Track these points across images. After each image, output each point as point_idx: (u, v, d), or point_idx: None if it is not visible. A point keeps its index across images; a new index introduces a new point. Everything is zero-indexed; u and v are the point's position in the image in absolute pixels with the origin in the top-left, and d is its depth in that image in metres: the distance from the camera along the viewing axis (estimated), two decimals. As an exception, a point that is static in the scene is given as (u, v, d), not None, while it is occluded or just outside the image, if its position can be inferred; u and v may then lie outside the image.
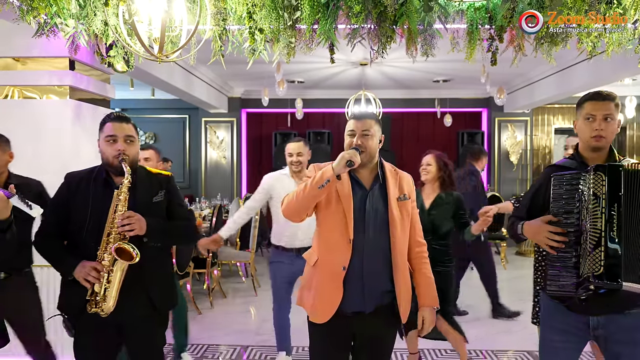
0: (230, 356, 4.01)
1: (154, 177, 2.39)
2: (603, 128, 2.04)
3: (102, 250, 2.17)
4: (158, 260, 2.32)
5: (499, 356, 4.01)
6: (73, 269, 2.16)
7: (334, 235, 2.13)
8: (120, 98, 8.11)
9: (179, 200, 2.47)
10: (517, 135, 9.08)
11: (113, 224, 2.16)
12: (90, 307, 2.16)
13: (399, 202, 2.19)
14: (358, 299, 2.13)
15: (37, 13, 2.56)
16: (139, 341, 2.31)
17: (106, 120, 2.27)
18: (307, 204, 2.10)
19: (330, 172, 2.02)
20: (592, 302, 1.98)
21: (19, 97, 3.73)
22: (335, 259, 2.12)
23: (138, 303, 2.23)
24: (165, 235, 2.33)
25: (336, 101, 8.59)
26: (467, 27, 2.81)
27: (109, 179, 2.28)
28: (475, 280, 7.03)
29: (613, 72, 5.51)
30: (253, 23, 2.65)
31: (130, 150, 2.25)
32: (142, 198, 2.27)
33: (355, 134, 2.15)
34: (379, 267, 2.15)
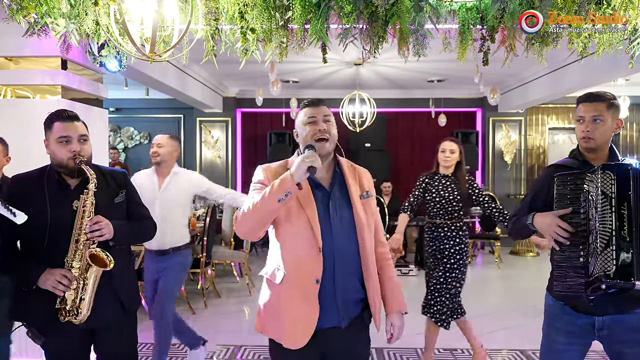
0: (224, 356, 4.01)
1: (110, 176, 2.30)
2: (590, 129, 2.04)
3: (71, 257, 2.08)
4: (123, 262, 2.26)
5: (492, 355, 4.02)
6: (37, 277, 2.05)
7: (301, 247, 1.88)
8: (115, 97, 8.09)
9: (137, 197, 2.41)
10: (512, 135, 9.12)
11: (81, 229, 2.07)
12: (62, 316, 2.09)
13: (362, 200, 2.00)
14: (333, 312, 1.91)
15: (26, 12, 2.56)
16: (112, 345, 2.26)
17: (54, 120, 2.15)
18: (266, 219, 1.87)
19: (289, 183, 1.77)
20: (599, 302, 1.96)
21: (12, 96, 3.72)
22: (306, 272, 1.87)
23: (109, 307, 2.18)
24: (130, 237, 2.28)
25: (331, 101, 8.54)
26: (459, 27, 2.82)
27: (62, 181, 2.17)
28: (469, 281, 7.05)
29: (606, 72, 5.54)
30: (245, 23, 2.65)
31: (86, 149, 2.15)
32: (104, 200, 2.18)
33: (317, 121, 1.93)
34: (351, 274, 1.94)
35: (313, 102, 1.99)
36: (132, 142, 9.65)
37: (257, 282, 6.34)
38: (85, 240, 2.08)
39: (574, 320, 2.07)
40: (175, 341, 4.28)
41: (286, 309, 1.91)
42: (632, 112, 8.95)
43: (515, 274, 7.05)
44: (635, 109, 9.17)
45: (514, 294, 6.00)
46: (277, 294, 1.95)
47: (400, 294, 2.08)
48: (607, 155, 2.11)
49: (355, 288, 1.96)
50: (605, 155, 2.11)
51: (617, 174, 1.90)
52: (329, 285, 1.89)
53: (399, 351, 4.05)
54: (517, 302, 5.59)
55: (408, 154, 9.33)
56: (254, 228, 1.89)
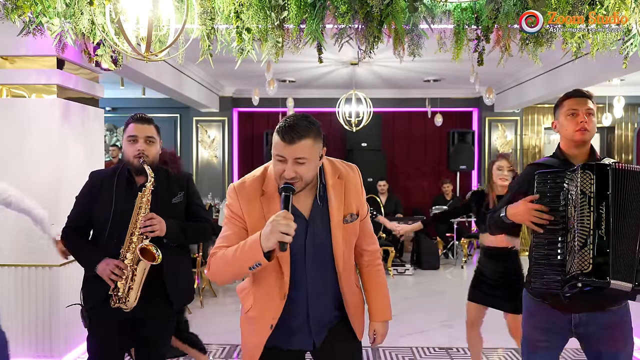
0: (221, 355, 4.02)
1: (174, 177, 2.48)
2: (587, 121, 2.07)
3: (125, 249, 2.26)
4: (176, 259, 2.41)
5: (487, 354, 4.04)
6: (96, 264, 2.25)
7: (267, 290, 1.78)
8: (111, 97, 8.07)
9: (197, 200, 2.56)
10: (507, 135, 9.14)
11: (136, 224, 2.25)
12: (114, 302, 2.26)
13: (346, 224, 1.80)
14: (304, 337, 1.84)
15: (21, 12, 2.56)
16: (152, 336, 2.40)
17: (130, 121, 2.37)
18: (236, 277, 1.79)
19: (259, 255, 1.57)
20: (575, 300, 2.00)
21: (7, 95, 3.71)
22: (264, 315, 1.78)
23: (156, 301, 2.33)
24: (183, 236, 2.40)
25: (327, 100, 8.60)
26: (454, 27, 2.83)
27: (131, 179, 2.37)
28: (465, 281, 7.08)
29: (601, 72, 5.57)
30: (240, 22, 2.66)
31: (150, 150, 2.34)
32: (162, 199, 2.36)
33: (285, 161, 1.63)
34: (324, 301, 1.84)
35: (290, 134, 1.61)
36: (129, 141, 9.64)
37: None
38: (139, 234, 2.25)
39: (551, 318, 2.10)
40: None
41: (242, 333, 1.91)
42: (626, 112, 8.99)
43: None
44: (630, 109, 9.22)
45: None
46: (242, 316, 1.93)
47: (386, 301, 1.99)
48: (588, 153, 2.13)
49: (332, 313, 1.87)
50: (586, 152, 2.13)
51: (597, 174, 1.93)
52: (299, 315, 1.81)
53: (395, 350, 4.07)
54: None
55: (404, 154, 9.34)
56: (227, 280, 1.80)
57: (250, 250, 1.59)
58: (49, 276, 3.62)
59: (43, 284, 3.61)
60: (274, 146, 1.66)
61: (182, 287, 2.48)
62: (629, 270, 1.90)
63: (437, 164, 9.26)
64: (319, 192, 1.79)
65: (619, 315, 2.07)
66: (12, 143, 3.59)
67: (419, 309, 5.12)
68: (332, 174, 1.82)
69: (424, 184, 9.32)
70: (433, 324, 4.76)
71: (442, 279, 6.93)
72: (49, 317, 3.63)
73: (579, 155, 2.12)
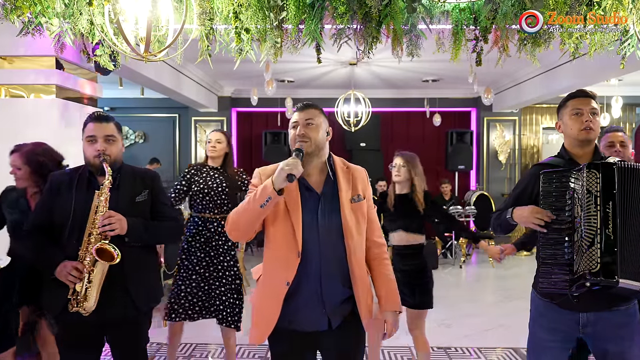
0: (219, 355, 4.02)
1: (139, 176, 2.39)
2: (592, 121, 2.08)
3: (84, 250, 2.18)
4: (140, 259, 2.32)
5: (486, 353, 4.05)
6: (55, 267, 2.17)
7: (282, 249, 1.95)
8: (109, 97, 8.08)
9: (164, 199, 2.47)
10: (506, 135, 9.16)
11: (94, 224, 2.17)
12: (72, 306, 2.17)
13: (353, 204, 2.01)
14: (319, 316, 1.96)
15: (20, 12, 2.55)
16: (121, 341, 2.32)
17: (87, 120, 2.28)
18: (253, 223, 1.93)
19: (270, 189, 1.83)
20: (583, 299, 2.00)
21: (6, 95, 3.71)
22: (279, 273, 1.94)
23: (119, 303, 2.24)
24: (147, 235, 2.31)
25: (326, 100, 8.59)
26: (452, 27, 2.84)
27: (92, 179, 2.28)
28: (463, 280, 7.10)
29: (599, 72, 5.59)
30: (239, 23, 2.66)
31: (112, 149, 2.25)
32: (125, 198, 2.28)
33: (297, 125, 2.00)
34: (336, 276, 1.97)
35: (301, 106, 2.05)
36: (127, 141, 9.62)
37: (252, 282, 6.34)
38: (97, 234, 2.17)
39: (558, 317, 2.10)
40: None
41: (255, 306, 2.04)
42: (624, 112, 9.01)
43: (509, 273, 7.09)
44: (628, 109, 9.24)
45: (508, 293, 6.04)
46: (255, 290, 2.09)
47: (396, 294, 2.10)
48: (592, 152, 2.14)
49: (340, 290, 1.99)
50: (591, 151, 2.14)
51: (603, 172, 1.93)
52: (313, 289, 1.95)
53: (393, 349, 4.08)
54: (511, 301, 5.63)
55: (403, 154, 9.34)
56: (242, 230, 1.96)
57: (263, 189, 1.86)
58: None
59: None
60: (291, 119, 2.04)
61: (147, 288, 2.37)
62: (637, 269, 1.91)
63: (435, 164, 9.26)
64: (328, 174, 2.05)
65: (627, 315, 2.06)
66: (10, 143, 3.57)
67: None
68: (340, 164, 2.09)
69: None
70: (431, 323, 4.76)
71: (441, 278, 6.94)
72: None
73: (584, 155, 2.12)
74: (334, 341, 2.00)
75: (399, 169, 3.33)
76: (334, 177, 2.03)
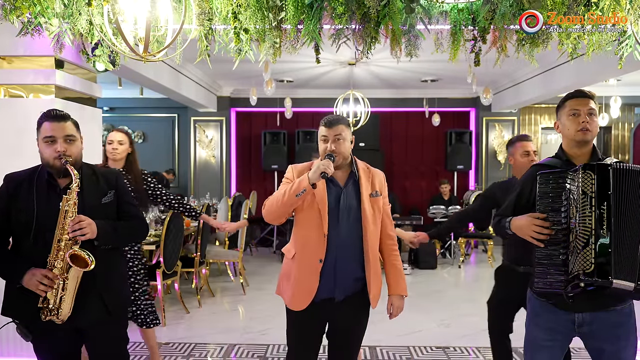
0: (218, 355, 4.03)
1: (101, 176, 2.30)
2: (588, 122, 2.08)
3: (53, 257, 2.08)
4: (109, 262, 2.25)
5: (484, 353, 4.05)
6: (21, 275, 2.07)
7: (311, 231, 2.33)
8: (109, 97, 8.08)
9: (129, 198, 2.41)
10: (505, 135, 9.16)
11: (63, 229, 2.07)
12: (45, 315, 2.10)
13: (371, 198, 2.39)
14: (330, 286, 2.33)
15: (20, 12, 2.55)
16: (99, 345, 2.27)
17: (43, 120, 2.16)
18: (287, 209, 2.31)
19: (306, 182, 2.21)
20: (579, 299, 2.01)
21: (5, 95, 3.71)
22: (312, 252, 2.32)
23: (92, 308, 2.17)
24: (116, 237, 2.25)
25: (325, 100, 8.61)
26: (450, 28, 2.85)
27: (52, 181, 2.17)
28: (462, 280, 7.11)
29: (597, 72, 5.60)
30: (238, 23, 2.67)
31: (72, 150, 2.14)
32: (91, 200, 2.19)
33: (328, 140, 2.33)
34: (351, 257, 2.35)
35: (329, 121, 2.35)
36: (126, 141, 9.63)
37: (252, 282, 6.35)
38: (67, 240, 2.07)
39: (554, 317, 2.11)
40: (175, 341, 4.30)
41: (294, 280, 2.37)
42: (623, 112, 9.03)
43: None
44: (627, 109, 9.26)
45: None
46: (289, 266, 2.43)
47: (403, 280, 2.49)
48: (590, 153, 2.14)
49: (354, 269, 2.36)
50: (588, 152, 2.14)
51: (598, 174, 1.94)
52: (329, 264, 2.32)
53: (392, 349, 4.08)
54: (509, 301, 5.63)
55: (402, 154, 9.36)
56: (279, 214, 2.32)
57: (299, 183, 2.24)
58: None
59: None
60: (320, 133, 2.36)
61: (118, 289, 2.31)
62: (631, 270, 1.92)
63: (434, 164, 9.27)
64: (352, 171, 2.41)
65: (622, 315, 2.07)
66: (10, 143, 3.59)
67: (416, 308, 5.13)
68: (363, 166, 2.46)
69: (421, 184, 9.34)
70: (430, 323, 4.78)
71: (440, 278, 6.95)
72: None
73: (581, 155, 2.13)
74: (339, 311, 2.36)
75: None
76: (356, 175, 2.39)
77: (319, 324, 2.41)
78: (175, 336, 4.41)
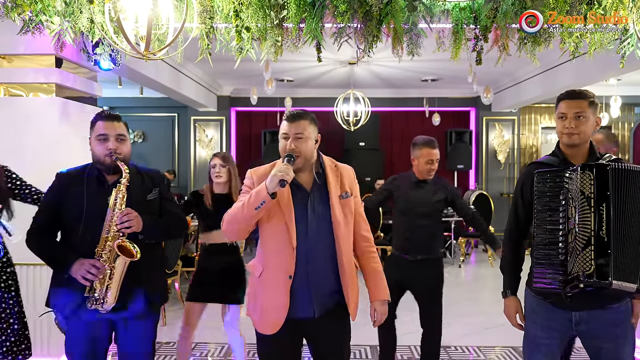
0: (219, 354, 4.02)
1: (146, 175, 2.42)
2: (574, 126, 2.05)
3: (101, 247, 2.19)
4: (152, 256, 2.35)
5: (485, 352, 4.05)
6: (70, 266, 2.17)
7: (279, 245, 2.06)
8: (108, 96, 8.06)
9: (170, 196, 2.53)
10: (505, 134, 9.17)
11: (112, 221, 2.19)
12: (91, 303, 2.19)
13: (341, 200, 2.13)
14: (305, 304, 2.08)
15: (21, 10, 2.56)
16: (132, 337, 2.33)
17: (97, 119, 2.29)
18: (249, 223, 2.05)
19: (264, 193, 1.95)
20: (576, 298, 2.01)
21: (5, 94, 3.70)
22: (281, 268, 2.05)
23: (134, 299, 2.27)
24: (159, 232, 2.37)
25: (325, 100, 8.61)
26: (452, 26, 2.84)
27: (101, 178, 2.30)
28: (463, 280, 7.10)
29: (598, 72, 5.59)
30: (240, 21, 2.66)
31: (122, 148, 2.27)
32: (137, 196, 2.30)
33: (288, 137, 2.07)
34: (325, 269, 2.10)
35: (291, 116, 2.09)
36: (126, 140, 9.63)
37: (252, 281, 6.33)
38: (115, 231, 2.19)
39: (552, 315, 2.11)
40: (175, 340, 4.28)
41: (262, 300, 2.11)
42: (623, 111, 9.03)
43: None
44: (627, 109, 9.26)
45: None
46: (255, 285, 2.16)
47: (383, 283, 2.24)
48: (587, 151, 2.13)
49: (329, 282, 2.12)
50: (585, 151, 2.12)
51: (597, 174, 1.93)
52: (301, 278, 2.06)
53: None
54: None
55: (402, 153, 9.34)
56: (238, 230, 2.08)
57: (257, 194, 1.97)
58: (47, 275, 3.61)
59: (41, 283, 3.61)
60: (281, 129, 2.10)
61: (159, 285, 2.45)
62: (633, 271, 1.91)
63: (434, 164, 9.26)
64: (318, 172, 2.16)
65: (620, 313, 2.07)
66: (10, 142, 3.58)
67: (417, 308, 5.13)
68: (330, 163, 2.20)
69: (421, 184, 9.32)
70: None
71: (440, 278, 6.93)
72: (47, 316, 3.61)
73: (577, 154, 2.12)
74: (319, 330, 2.13)
75: (219, 167, 3.20)
76: (323, 176, 2.14)
77: (294, 344, 2.16)
78: (175, 335, 4.38)
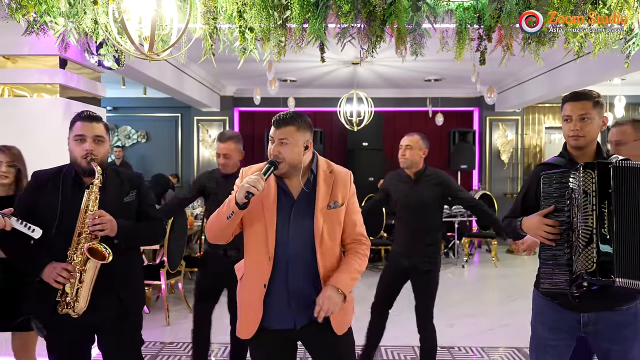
0: (222, 354, 4.02)
1: (124, 177, 2.37)
2: (579, 128, 2.06)
3: (73, 250, 2.14)
4: (128, 260, 2.30)
5: (489, 353, 4.05)
6: (42, 269, 2.12)
7: (256, 252, 2.01)
8: (112, 97, 8.08)
9: (150, 200, 2.46)
10: (508, 134, 9.14)
11: (84, 223, 2.13)
12: (62, 308, 2.14)
13: (328, 210, 2.01)
14: (284, 315, 2.01)
15: (26, 11, 2.56)
16: (113, 342, 2.28)
17: (76, 119, 2.24)
18: (225, 230, 1.98)
19: (233, 203, 1.88)
20: (584, 299, 2.00)
21: (9, 95, 3.72)
22: (257, 276, 2.00)
23: (109, 304, 2.21)
24: (135, 237, 2.30)
25: (328, 100, 8.60)
26: (456, 26, 2.84)
27: (78, 179, 2.24)
28: (466, 280, 7.09)
29: (602, 71, 5.57)
30: (243, 22, 2.66)
31: (99, 150, 2.22)
32: (113, 198, 2.24)
33: (273, 141, 1.98)
34: (305, 281, 2.01)
35: (277, 121, 1.98)
36: (130, 141, 9.65)
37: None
38: (87, 234, 2.13)
39: (560, 317, 2.11)
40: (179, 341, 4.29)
41: (240, 303, 2.11)
42: (627, 111, 8.99)
43: (512, 273, 7.08)
44: (631, 109, 9.22)
45: (510, 292, 6.03)
46: (239, 287, 2.15)
47: (346, 275, 2.02)
48: (594, 152, 2.13)
49: (311, 294, 1.99)
50: (592, 152, 2.12)
51: (598, 172, 1.93)
52: (281, 289, 2.00)
53: (397, 349, 4.08)
54: (514, 300, 5.63)
55: (405, 153, 9.34)
56: (217, 236, 2.03)
57: (228, 203, 1.93)
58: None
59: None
60: (271, 131, 2.01)
61: (134, 288, 2.36)
62: (635, 268, 1.90)
63: (437, 164, 9.22)
64: (309, 179, 2.05)
65: (628, 315, 2.06)
66: (14, 142, 3.58)
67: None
68: (324, 168, 2.08)
69: (424, 184, 9.31)
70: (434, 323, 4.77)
71: (443, 278, 6.92)
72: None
73: (584, 155, 2.12)
74: (308, 337, 2.07)
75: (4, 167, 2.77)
76: (314, 183, 2.04)
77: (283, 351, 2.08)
78: (178, 335, 4.40)
